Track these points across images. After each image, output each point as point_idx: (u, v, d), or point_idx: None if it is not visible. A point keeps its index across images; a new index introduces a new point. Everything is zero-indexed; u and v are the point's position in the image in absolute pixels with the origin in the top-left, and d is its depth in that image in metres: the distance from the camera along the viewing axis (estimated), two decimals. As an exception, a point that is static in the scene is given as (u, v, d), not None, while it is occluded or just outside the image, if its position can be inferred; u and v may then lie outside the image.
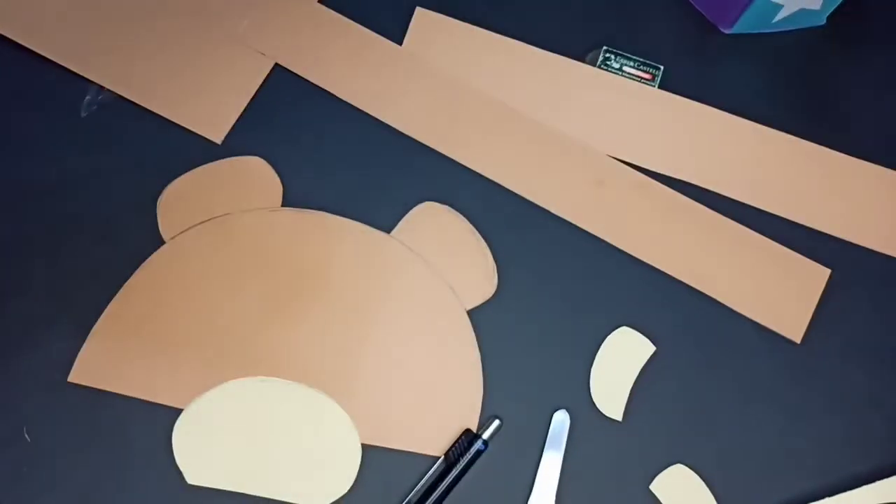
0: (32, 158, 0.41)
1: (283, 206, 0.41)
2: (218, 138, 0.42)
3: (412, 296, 0.40)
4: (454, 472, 0.37)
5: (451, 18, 0.46)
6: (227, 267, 0.40)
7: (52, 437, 0.36)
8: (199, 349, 0.39)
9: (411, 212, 0.42)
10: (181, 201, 0.41)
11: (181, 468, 0.36)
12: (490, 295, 0.41)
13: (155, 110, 0.42)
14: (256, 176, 0.42)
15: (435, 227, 0.42)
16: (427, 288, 0.41)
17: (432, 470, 0.37)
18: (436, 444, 0.38)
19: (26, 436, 0.36)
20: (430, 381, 0.39)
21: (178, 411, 0.37)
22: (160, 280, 0.40)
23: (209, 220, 0.41)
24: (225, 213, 0.41)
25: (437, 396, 0.39)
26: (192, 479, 0.36)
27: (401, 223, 0.42)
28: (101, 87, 0.42)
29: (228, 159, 0.42)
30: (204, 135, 0.42)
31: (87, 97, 0.42)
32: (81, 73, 0.42)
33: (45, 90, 0.42)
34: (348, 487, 0.37)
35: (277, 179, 0.42)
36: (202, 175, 0.41)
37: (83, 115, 0.42)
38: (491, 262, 0.41)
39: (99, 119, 0.42)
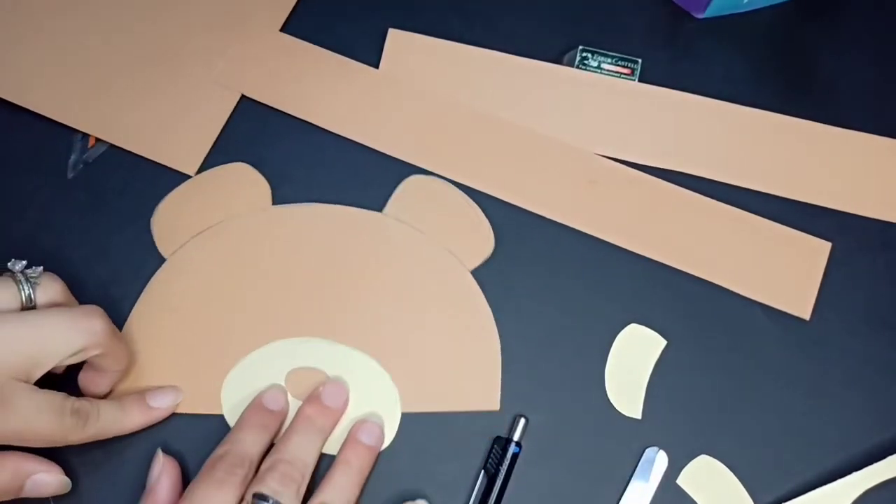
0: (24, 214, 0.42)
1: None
2: (191, 171, 0.43)
3: (415, 266, 0.41)
4: (499, 482, 0.37)
5: (425, 36, 0.46)
6: (231, 272, 0.41)
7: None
8: (213, 357, 0.39)
9: (399, 187, 0.43)
10: (174, 217, 0.42)
11: (228, 422, 0.38)
12: (489, 254, 0.42)
13: (132, 150, 0.43)
14: (243, 180, 0.43)
15: (424, 198, 0.43)
16: (428, 256, 0.41)
17: (477, 486, 0.37)
18: (465, 399, 0.39)
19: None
20: (448, 341, 0.40)
21: (206, 417, 0.38)
22: (167, 296, 0.40)
23: (205, 230, 0.41)
24: (219, 220, 0.42)
25: (458, 353, 0.40)
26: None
27: (391, 200, 0.42)
28: (84, 146, 0.43)
29: (214, 169, 0.43)
30: (178, 168, 0.43)
31: (73, 156, 0.43)
32: (61, 120, 0.43)
33: (30, 146, 0.43)
34: (387, 444, 0.38)
35: (264, 180, 0.43)
36: (190, 188, 0.42)
37: (70, 176, 0.42)
38: (486, 222, 0.42)
39: (86, 173, 0.42)
